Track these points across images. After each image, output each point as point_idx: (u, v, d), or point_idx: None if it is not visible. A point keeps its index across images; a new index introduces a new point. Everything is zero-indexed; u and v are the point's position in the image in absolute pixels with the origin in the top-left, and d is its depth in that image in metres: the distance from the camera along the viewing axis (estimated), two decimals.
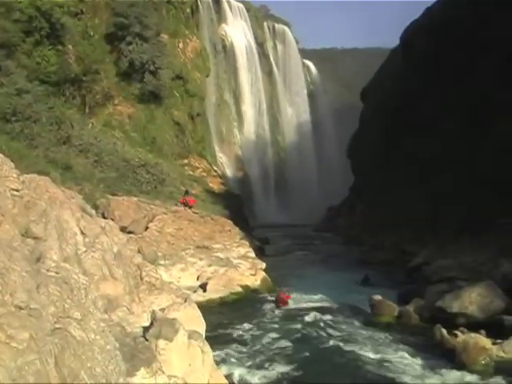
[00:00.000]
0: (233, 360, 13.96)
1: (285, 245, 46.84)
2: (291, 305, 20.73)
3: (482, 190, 27.10)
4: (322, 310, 19.51)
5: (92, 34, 47.07)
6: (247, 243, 30.64)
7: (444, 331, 14.50)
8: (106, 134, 39.92)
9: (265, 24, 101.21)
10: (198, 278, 22.13)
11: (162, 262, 21.76)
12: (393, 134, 44.24)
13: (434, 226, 30.02)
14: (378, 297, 18.46)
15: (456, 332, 14.35)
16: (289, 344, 15.32)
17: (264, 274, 24.77)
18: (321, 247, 44.83)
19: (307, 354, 14.56)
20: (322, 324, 17.40)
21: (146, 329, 7.87)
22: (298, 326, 17.22)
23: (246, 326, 17.18)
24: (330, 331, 16.65)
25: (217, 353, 13.33)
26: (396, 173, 41.16)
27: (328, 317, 18.38)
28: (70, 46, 43.04)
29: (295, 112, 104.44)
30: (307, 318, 18.09)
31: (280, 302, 20.83)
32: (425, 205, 32.96)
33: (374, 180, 47.54)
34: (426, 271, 22.51)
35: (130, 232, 23.28)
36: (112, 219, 21.89)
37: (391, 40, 63.55)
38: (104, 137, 37.53)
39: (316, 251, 41.36)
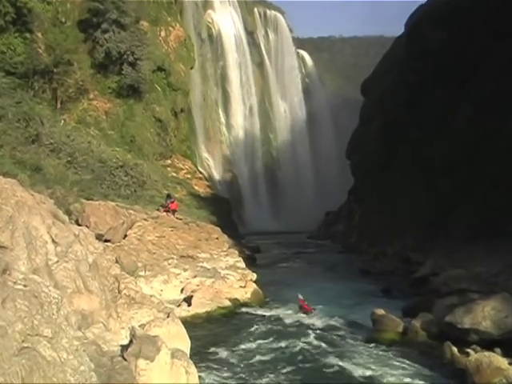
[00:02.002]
0: (220, 382, 13.91)
1: (278, 254, 46.80)
2: (286, 319, 20.71)
3: (493, 193, 27.24)
4: (318, 326, 19.47)
5: (63, 20, 46.98)
6: (236, 252, 30.56)
7: (454, 349, 14.38)
8: (80, 132, 39.83)
9: (255, 10, 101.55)
10: (182, 291, 22.04)
11: (142, 274, 21.66)
12: (396, 132, 44.36)
13: (441, 233, 30.14)
14: (381, 310, 18.33)
15: (468, 350, 14.18)
16: (282, 364, 15.23)
17: (255, 285, 24.70)
18: (317, 256, 44.85)
19: (301, 375, 14.50)
20: (318, 341, 17.31)
21: (124, 347, 7.82)
22: (292, 343, 17.11)
23: (236, 343, 17.10)
24: (327, 349, 16.57)
25: (203, 374, 13.26)
26: (399, 174, 41.28)
27: (325, 333, 18.32)
28: (39, 34, 42.88)
29: (289, 107, 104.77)
30: (302, 335, 17.99)
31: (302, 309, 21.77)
32: (431, 209, 33.10)
33: (375, 182, 47.66)
34: (434, 282, 22.47)
35: (106, 240, 23.17)
36: (87, 226, 21.79)
37: (395, 27, 63.99)
38: (78, 135, 37.42)
39: (312, 261, 41.34)
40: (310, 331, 18.43)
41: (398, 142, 43.74)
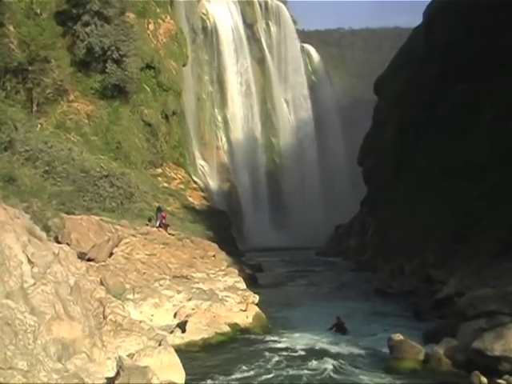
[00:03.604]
0: None
1: (282, 273, 46.82)
2: (292, 347, 20.63)
3: None
4: (330, 353, 19.35)
5: (39, 11, 47.02)
6: (236, 271, 30.55)
7: (484, 380, 14.26)
8: (60, 138, 39.83)
9: (255, 0, 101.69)
10: (175, 316, 21.96)
11: (130, 297, 21.59)
12: (414, 135, 44.41)
13: (465, 247, 30.05)
14: (399, 336, 18.21)
15: (499, 381, 14.11)
16: None
17: (257, 309, 24.61)
18: (327, 275, 44.85)
19: None
20: (330, 371, 17.21)
21: (110, 380, 7.78)
22: (301, 373, 17.03)
23: (236, 375, 17.00)
24: (340, 380, 16.50)
25: None
26: (418, 182, 41.26)
27: (338, 362, 18.18)
28: (11, 27, 42.93)
29: (293, 108, 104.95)
30: (312, 364, 17.91)
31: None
32: (454, 220, 33.04)
33: (391, 191, 47.65)
34: (459, 304, 22.29)
35: (90, 259, 23.12)
36: (68, 244, 21.74)
37: (412, 17, 64.17)
38: (57, 141, 37.41)
39: (321, 280, 41.32)
40: (320, 361, 18.29)
41: (415, 146, 43.77)
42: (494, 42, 35.38)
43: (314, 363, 18.06)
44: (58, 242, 19.51)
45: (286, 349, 20.36)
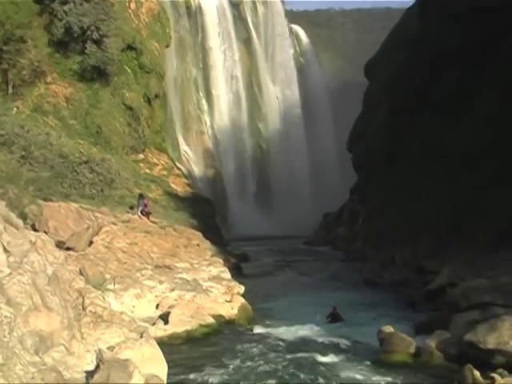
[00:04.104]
0: None
1: (269, 262, 46.88)
2: (279, 338, 20.68)
3: None
4: (317, 346, 19.42)
5: None
6: (220, 261, 30.59)
7: (477, 373, 14.15)
8: (37, 122, 39.66)
9: None
10: (157, 307, 21.95)
11: (110, 287, 21.56)
12: (407, 120, 44.40)
13: (459, 237, 30.16)
14: (389, 328, 18.19)
15: (493, 375, 13.97)
16: None
17: (242, 300, 24.66)
18: (315, 265, 44.97)
19: None
20: (316, 365, 17.23)
21: (90, 373, 7.77)
22: (286, 368, 17.01)
23: (220, 368, 17.02)
24: (327, 374, 16.44)
25: None
26: (410, 169, 41.31)
27: (325, 355, 18.19)
28: None
29: (280, 92, 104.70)
30: (298, 358, 17.90)
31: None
32: (448, 209, 33.11)
33: (382, 178, 47.73)
34: (452, 295, 22.44)
35: (68, 248, 23.05)
36: (45, 232, 21.66)
37: None
38: (34, 125, 37.22)
39: (309, 270, 41.41)
40: (307, 353, 18.33)
41: (409, 132, 43.76)
42: (493, 21, 35.23)
43: (300, 356, 18.07)
44: (35, 230, 19.41)
45: (272, 341, 20.36)
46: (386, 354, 17.60)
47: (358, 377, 16.16)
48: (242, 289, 25.82)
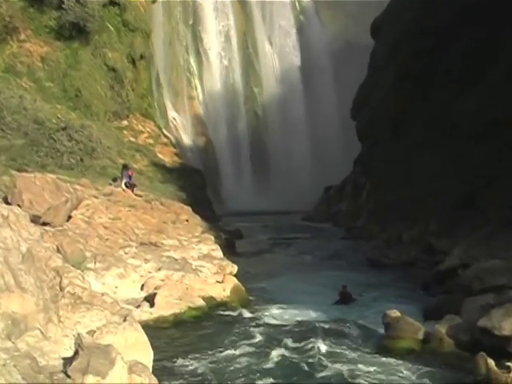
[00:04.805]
0: None
1: (264, 240, 47.03)
2: (274, 322, 20.75)
3: None
4: (316, 330, 19.38)
5: None
6: (212, 238, 30.59)
7: (491, 362, 14.13)
8: (9, 84, 39.41)
9: None
10: (142, 288, 21.99)
11: (91, 266, 21.57)
12: (416, 85, 44.27)
13: (472, 214, 30.20)
14: (395, 312, 18.15)
15: (508, 364, 13.97)
16: (267, 381, 15.16)
17: (235, 280, 24.73)
18: (314, 243, 45.06)
19: None
20: (316, 351, 17.19)
21: (68, 360, 7.75)
22: (283, 353, 16.97)
23: (210, 353, 17.06)
24: (328, 361, 16.41)
25: None
26: (419, 139, 41.32)
27: (326, 341, 18.16)
28: None
29: (278, 54, 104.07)
30: (295, 343, 17.91)
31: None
32: (460, 184, 33.15)
33: (388, 149, 47.75)
34: (464, 276, 22.45)
35: (45, 223, 23.03)
36: (19, 205, 21.56)
37: None
38: (6, 87, 37.06)
39: (307, 248, 41.49)
40: (304, 338, 18.33)
41: (417, 98, 43.70)
42: None
43: (297, 341, 18.07)
44: (8, 204, 19.37)
45: (266, 325, 20.46)
46: (392, 340, 17.58)
47: (360, 366, 16.00)
48: (234, 268, 25.89)
